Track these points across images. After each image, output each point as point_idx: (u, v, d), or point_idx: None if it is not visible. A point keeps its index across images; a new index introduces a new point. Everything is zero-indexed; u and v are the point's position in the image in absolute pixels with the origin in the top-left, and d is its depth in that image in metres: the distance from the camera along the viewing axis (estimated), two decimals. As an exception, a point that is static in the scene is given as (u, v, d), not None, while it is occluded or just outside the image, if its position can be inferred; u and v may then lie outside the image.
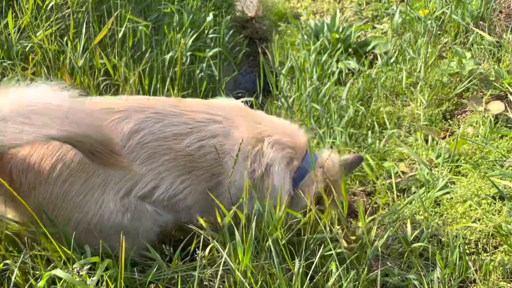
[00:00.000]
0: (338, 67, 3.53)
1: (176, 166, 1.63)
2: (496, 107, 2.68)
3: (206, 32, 3.72)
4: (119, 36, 2.82)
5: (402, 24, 3.60)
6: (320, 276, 1.62)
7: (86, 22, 2.81)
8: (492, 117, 2.58)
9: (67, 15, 2.88)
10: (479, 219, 2.08)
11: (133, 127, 1.56)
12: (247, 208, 1.61)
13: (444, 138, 2.71)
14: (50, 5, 2.80)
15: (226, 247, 1.52)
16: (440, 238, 2.02)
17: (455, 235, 1.99)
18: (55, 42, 2.69)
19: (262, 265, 1.52)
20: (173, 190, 1.64)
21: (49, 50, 2.57)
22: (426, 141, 2.69)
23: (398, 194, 2.39)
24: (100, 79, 2.64)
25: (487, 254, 1.93)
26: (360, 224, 1.78)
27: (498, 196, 2.14)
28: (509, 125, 2.57)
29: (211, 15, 3.81)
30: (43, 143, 1.48)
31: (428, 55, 3.12)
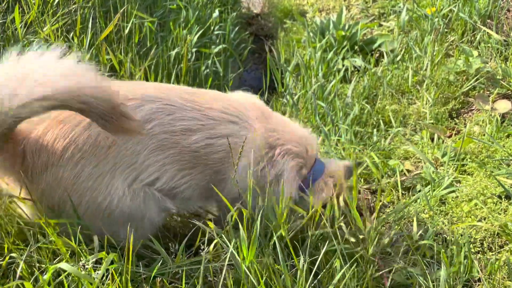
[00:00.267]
0: (343, 65, 3.52)
1: (179, 161, 1.65)
2: (503, 106, 2.67)
3: (212, 28, 3.71)
4: (125, 32, 2.82)
5: (408, 22, 3.59)
6: (324, 272, 1.61)
7: (92, 18, 2.81)
8: (499, 116, 2.57)
9: (73, 10, 2.89)
10: (485, 218, 2.07)
11: (144, 116, 1.57)
12: (251, 204, 1.62)
13: (450, 136, 2.70)
14: (56, 0, 2.81)
15: (231, 243, 1.52)
16: (445, 236, 2.01)
17: (461, 234, 1.98)
18: (62, 37, 2.70)
19: (266, 261, 1.52)
20: (173, 183, 1.66)
21: (55, 45, 2.57)
22: (432, 139, 2.68)
23: (403, 192, 2.39)
24: (106, 75, 2.64)
25: (493, 253, 1.93)
26: (366, 221, 1.78)
27: (504, 195, 2.13)
28: (516, 124, 2.56)
29: (217, 11, 3.81)
30: (54, 121, 1.48)
31: (434, 53, 3.10)
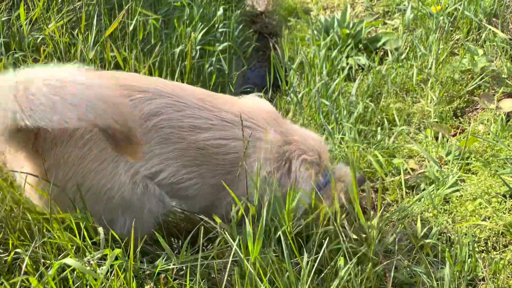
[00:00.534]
0: (348, 63, 3.52)
1: (184, 156, 1.65)
2: (508, 105, 2.66)
3: (216, 26, 3.71)
4: (130, 29, 2.83)
5: (413, 20, 3.57)
6: (328, 270, 1.62)
7: (97, 15, 2.81)
8: (504, 115, 2.56)
9: (78, 7, 2.89)
10: (489, 217, 2.06)
11: (152, 109, 1.58)
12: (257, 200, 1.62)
13: (454, 135, 2.69)
14: (61, -3, 2.82)
15: (236, 239, 1.52)
16: (449, 235, 2.01)
17: (465, 233, 1.98)
18: (66, 34, 2.71)
19: (271, 257, 1.52)
20: (176, 178, 1.67)
21: (60, 42, 2.58)
22: (436, 138, 2.67)
23: (407, 191, 2.38)
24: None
25: (497, 253, 1.92)
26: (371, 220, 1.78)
27: (509, 195, 2.12)
28: (521, 123, 2.55)
29: (221, 9, 3.81)
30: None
31: (439, 52, 3.09)
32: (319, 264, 1.65)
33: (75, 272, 1.49)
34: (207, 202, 1.80)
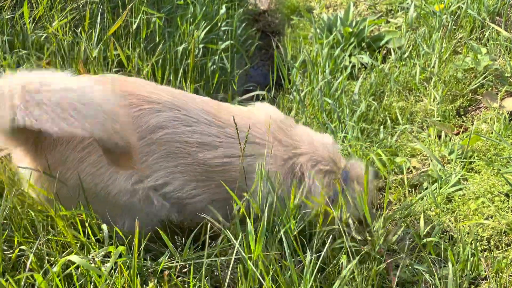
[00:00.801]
0: (350, 62, 3.51)
1: (190, 172, 1.66)
2: (511, 103, 2.65)
3: (219, 24, 3.71)
4: (133, 27, 2.83)
5: (416, 19, 3.57)
6: (331, 268, 1.62)
7: (100, 13, 2.82)
8: (507, 113, 2.55)
9: (81, 5, 2.90)
10: (492, 216, 2.06)
11: (160, 122, 1.59)
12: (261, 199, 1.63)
13: (457, 134, 2.68)
14: (65, -5, 2.83)
15: (238, 238, 1.53)
16: (452, 234, 2.01)
17: (467, 231, 1.98)
18: (70, 32, 2.71)
19: (273, 255, 1.53)
20: (184, 192, 1.67)
21: (63, 40, 2.59)
22: (439, 137, 2.67)
23: (410, 189, 2.38)
24: (114, 70, 2.65)
25: (499, 251, 1.92)
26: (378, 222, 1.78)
27: (512, 194, 2.12)
28: (524, 122, 2.54)
29: (224, 7, 3.81)
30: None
31: (442, 50, 3.08)
32: (322, 263, 1.65)
33: (79, 269, 1.50)
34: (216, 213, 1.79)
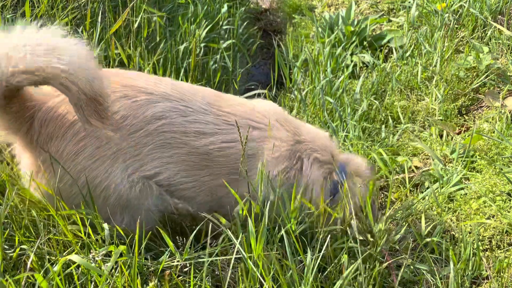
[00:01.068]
0: (352, 61, 3.51)
1: (185, 161, 1.65)
2: (513, 103, 2.64)
3: (220, 23, 3.71)
4: (134, 26, 2.83)
5: (418, 18, 3.56)
6: (332, 267, 1.62)
7: (101, 12, 2.82)
8: (509, 113, 2.54)
9: (83, 4, 2.90)
10: (493, 216, 2.06)
11: (156, 113, 1.58)
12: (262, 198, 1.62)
13: (459, 133, 2.68)
14: (66, -6, 2.83)
15: (239, 237, 1.53)
16: (454, 234, 2.00)
17: (469, 231, 1.97)
18: (71, 31, 2.71)
19: (274, 255, 1.52)
20: (175, 180, 1.67)
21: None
22: (441, 136, 2.66)
23: (411, 189, 2.38)
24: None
25: (501, 251, 1.92)
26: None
27: (514, 193, 2.12)
28: (526, 121, 2.53)
29: (226, 6, 3.80)
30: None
31: (444, 49, 3.07)
32: (323, 263, 1.65)
33: (80, 269, 1.50)
34: (210, 202, 1.79)
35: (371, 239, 1.71)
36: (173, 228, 1.82)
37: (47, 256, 1.54)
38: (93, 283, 1.48)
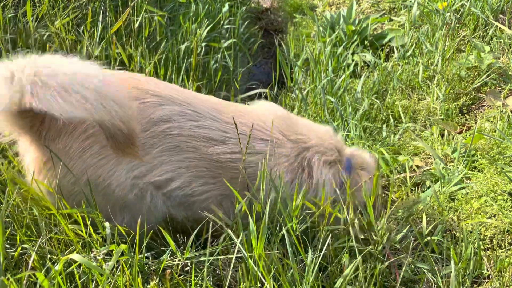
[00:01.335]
0: (353, 60, 3.50)
1: (197, 167, 1.64)
2: (515, 102, 2.64)
3: (222, 23, 3.71)
4: (135, 26, 2.83)
5: (419, 17, 3.55)
6: (333, 267, 1.62)
7: (102, 12, 2.82)
8: (510, 112, 2.54)
9: (84, 4, 2.90)
10: (495, 215, 2.05)
11: (163, 115, 1.58)
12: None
13: (460, 132, 2.67)
14: (67, -6, 2.83)
15: (240, 236, 1.53)
16: (455, 233, 2.00)
17: (470, 230, 1.97)
18: (72, 31, 2.72)
19: (275, 254, 1.53)
20: (190, 189, 1.65)
21: (66, 39, 2.59)
22: (442, 135, 2.66)
23: (412, 188, 2.38)
24: (116, 69, 2.65)
25: (502, 251, 1.91)
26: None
27: (515, 192, 2.11)
28: (527, 120, 2.53)
29: (227, 5, 3.80)
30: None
31: (446, 49, 3.07)
32: (325, 262, 1.65)
33: (81, 268, 1.50)
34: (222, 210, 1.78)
35: (374, 238, 1.71)
36: (174, 226, 1.82)
37: (49, 255, 1.54)
38: (94, 282, 1.48)
